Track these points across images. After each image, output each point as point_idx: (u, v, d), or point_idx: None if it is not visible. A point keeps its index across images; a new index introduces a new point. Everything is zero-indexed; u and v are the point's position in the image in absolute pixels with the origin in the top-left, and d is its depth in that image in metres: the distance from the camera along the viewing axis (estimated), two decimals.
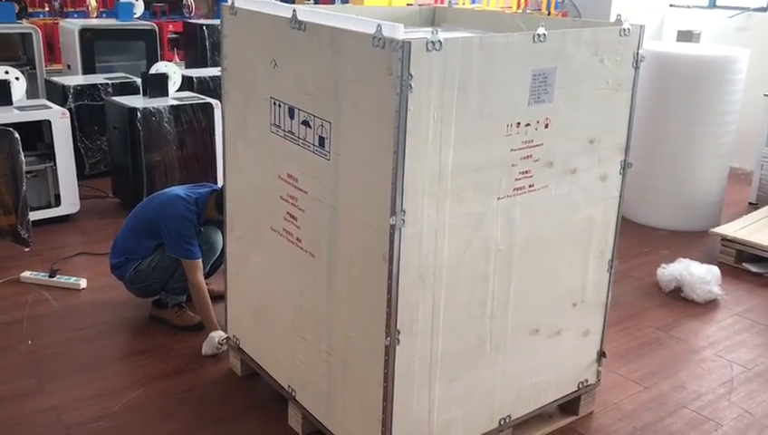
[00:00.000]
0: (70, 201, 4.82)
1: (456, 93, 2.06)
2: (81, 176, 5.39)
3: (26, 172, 4.73)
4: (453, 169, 2.13)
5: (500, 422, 2.58)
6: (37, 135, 4.81)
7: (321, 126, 2.27)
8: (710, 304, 3.90)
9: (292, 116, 2.41)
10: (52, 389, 3.00)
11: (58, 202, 4.80)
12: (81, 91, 5.62)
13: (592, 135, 2.48)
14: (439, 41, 1.96)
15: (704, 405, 3.00)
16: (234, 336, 3.08)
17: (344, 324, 2.36)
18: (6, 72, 4.76)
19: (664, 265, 4.12)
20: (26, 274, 3.97)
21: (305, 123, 2.35)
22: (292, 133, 2.42)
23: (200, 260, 3.33)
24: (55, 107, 4.79)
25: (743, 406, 3.01)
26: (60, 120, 4.68)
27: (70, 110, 5.47)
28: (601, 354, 2.85)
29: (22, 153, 4.12)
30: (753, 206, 5.46)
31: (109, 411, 2.86)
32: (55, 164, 4.73)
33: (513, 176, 2.31)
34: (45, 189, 4.85)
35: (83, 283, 3.89)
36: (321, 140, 2.29)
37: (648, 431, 2.83)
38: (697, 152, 4.95)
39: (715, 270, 4.00)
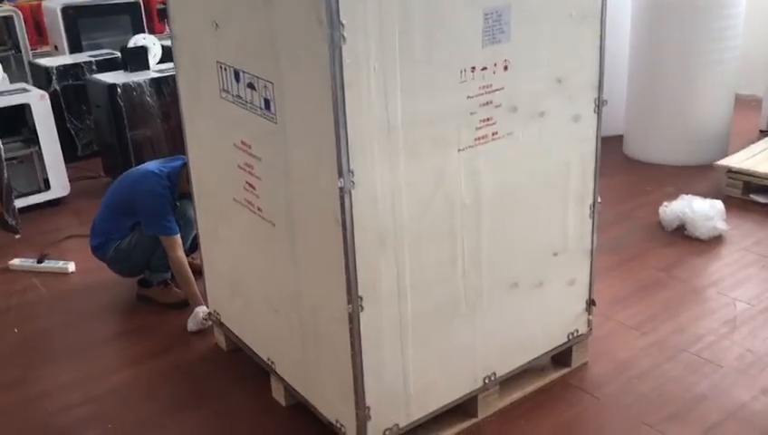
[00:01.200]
0: (59, 184, 4.76)
1: (398, 41, 1.92)
2: (73, 157, 5.36)
3: (11, 158, 4.71)
4: (404, 123, 2.00)
5: (484, 381, 2.49)
6: (21, 120, 4.73)
7: (265, 87, 2.15)
8: (715, 241, 3.74)
9: (237, 79, 2.29)
10: (37, 376, 2.97)
11: (48, 186, 4.74)
12: (65, 71, 5.52)
13: (559, 74, 2.32)
14: None
15: (704, 347, 2.88)
16: (214, 311, 3.01)
17: (310, 294, 2.27)
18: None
19: (666, 204, 3.95)
20: (15, 261, 3.94)
21: (250, 86, 2.23)
22: (240, 97, 2.30)
23: (178, 236, 3.25)
24: (34, 90, 4.71)
25: (745, 345, 2.88)
26: (39, 102, 4.59)
27: (55, 91, 5.41)
28: (590, 302, 2.73)
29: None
30: (765, 133, 5.23)
31: (93, 395, 2.82)
32: (40, 148, 4.66)
33: (474, 125, 2.17)
34: (33, 174, 4.79)
35: (71, 266, 3.85)
36: (267, 103, 2.17)
37: (645, 379, 2.72)
38: (699, 81, 4.71)
39: (719, 205, 3.83)
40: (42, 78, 5.55)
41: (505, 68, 2.18)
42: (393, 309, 2.16)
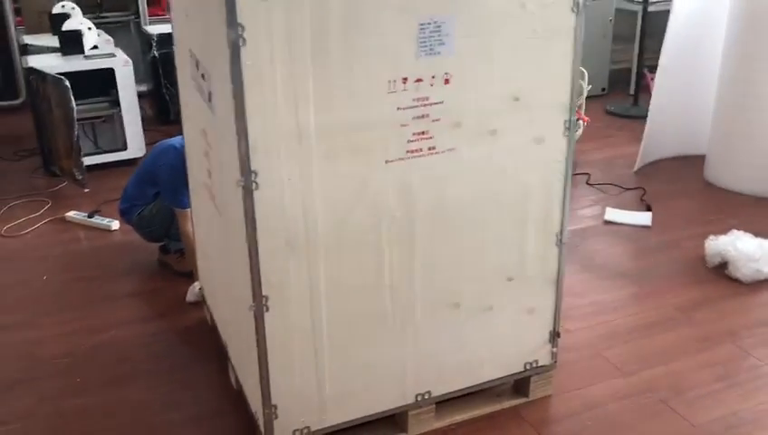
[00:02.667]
0: (136, 146, 5.07)
1: (311, 45, 1.89)
2: (166, 121, 5.69)
3: (96, 117, 5.09)
4: (318, 129, 1.97)
5: (416, 398, 2.42)
6: (110, 82, 5.07)
7: (209, 79, 2.19)
8: (757, 286, 3.39)
9: (197, 68, 2.34)
10: (41, 323, 3.22)
11: (126, 147, 5.07)
12: (165, 38, 5.84)
13: (517, 92, 2.19)
14: None
15: (684, 401, 2.64)
16: (201, 287, 3.12)
17: (236, 286, 2.31)
18: (81, 23, 5.05)
19: (713, 237, 3.62)
20: (71, 213, 4.26)
21: (203, 76, 2.28)
22: (199, 86, 2.36)
23: (189, 210, 3.39)
24: (120, 55, 5.02)
25: (733, 407, 2.61)
26: (122, 68, 4.90)
27: (154, 57, 5.76)
28: (555, 334, 2.58)
29: (72, 100, 4.37)
30: None
31: (77, 349, 3.02)
32: (120, 110, 4.99)
33: (405, 137, 2.10)
34: (115, 134, 5.14)
35: (115, 224, 4.11)
36: (210, 94, 2.21)
37: (602, 423, 2.54)
38: None
39: None
40: (146, 44, 5.92)
41: (446, 81, 2.08)
42: (304, 313, 2.16)
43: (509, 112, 2.20)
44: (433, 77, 2.06)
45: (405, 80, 2.03)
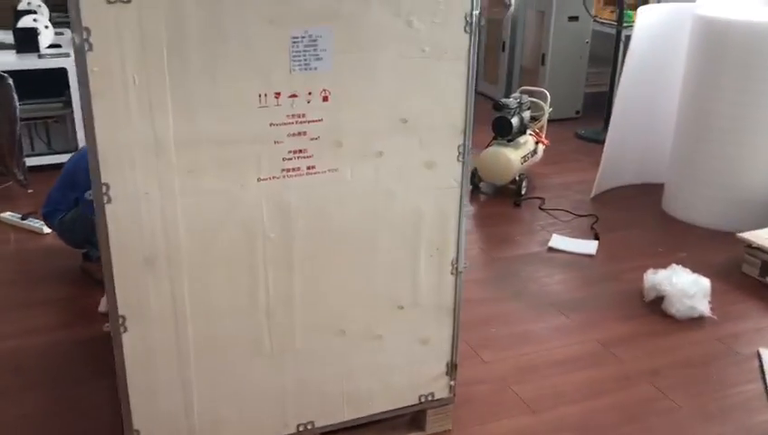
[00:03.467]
0: None
1: (167, 54, 1.78)
2: None
3: (49, 117, 5.01)
4: (178, 142, 1.87)
5: (298, 428, 2.31)
6: (66, 82, 4.99)
7: None
8: (690, 324, 3.26)
9: None
10: None
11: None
12: None
13: (404, 114, 2.08)
14: None
15: None
16: None
17: None
18: (35, 21, 4.97)
19: (653, 271, 3.50)
20: (5, 214, 4.17)
21: None
22: None
23: None
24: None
25: None
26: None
27: None
28: (452, 367, 2.46)
29: (15, 99, 4.29)
30: None
31: None
32: (73, 111, 4.90)
33: (280, 155, 1.99)
34: (67, 135, 5.06)
35: (47, 228, 4.01)
36: None
37: None
38: (753, 138, 4.11)
39: (704, 282, 3.33)
40: None
41: (325, 99, 1.98)
42: (168, 334, 2.04)
43: (396, 134, 2.09)
44: (309, 93, 1.96)
45: (278, 94, 1.93)
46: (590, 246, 3.98)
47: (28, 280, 3.54)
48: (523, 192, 4.66)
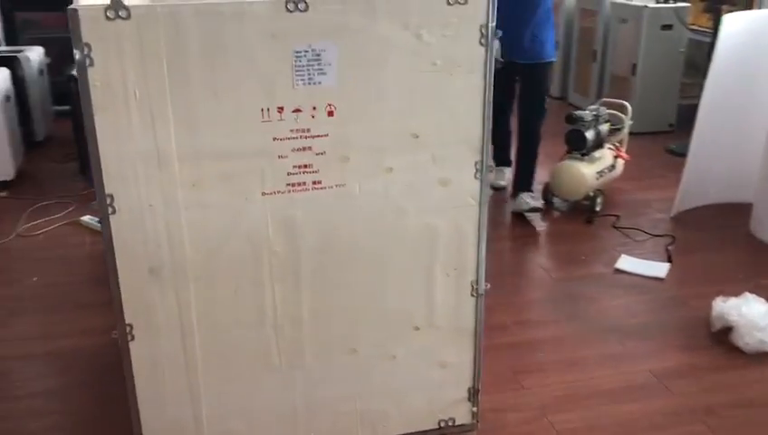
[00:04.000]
0: None
1: (167, 68, 1.81)
2: None
3: None
4: (182, 156, 1.89)
5: None
6: None
7: None
8: (759, 358, 2.99)
9: None
10: (7, 323, 3.31)
11: None
12: None
13: (415, 129, 2.02)
14: (125, 8, 1.73)
15: None
16: None
17: None
18: None
19: (723, 298, 3.24)
20: (85, 217, 4.39)
21: None
22: None
23: None
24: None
25: None
26: None
27: None
28: (474, 392, 2.36)
29: None
30: None
31: (29, 354, 3.07)
32: None
33: (285, 169, 1.98)
34: None
35: None
36: None
37: None
38: None
39: None
40: None
41: (330, 114, 1.95)
42: (176, 345, 2.07)
43: (407, 150, 2.03)
44: (314, 108, 1.93)
45: (281, 109, 1.91)
46: (659, 269, 3.74)
47: (95, 281, 3.69)
48: (597, 209, 4.45)
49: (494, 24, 1.96)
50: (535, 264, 3.86)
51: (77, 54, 1.74)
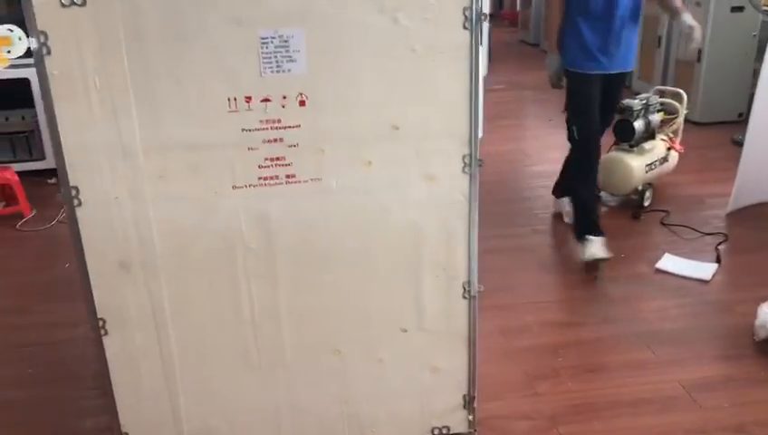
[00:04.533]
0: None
1: (127, 56, 1.74)
2: None
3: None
4: (146, 146, 1.83)
5: None
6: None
7: None
8: None
9: None
10: (33, 310, 3.36)
11: None
12: None
13: (395, 120, 1.89)
14: None
15: None
16: None
17: None
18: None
19: None
20: None
21: None
22: None
23: None
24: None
25: None
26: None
27: None
28: (469, 399, 2.22)
29: None
30: None
31: (48, 340, 3.11)
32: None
33: (256, 162, 1.89)
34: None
35: None
36: None
37: None
38: None
39: None
40: None
41: (302, 103, 1.84)
42: (151, 340, 2.02)
43: (387, 142, 1.91)
44: (284, 97, 1.83)
45: (249, 99, 1.82)
46: (705, 270, 3.48)
47: None
48: (646, 203, 4.20)
49: (479, 5, 1.81)
50: (570, 261, 3.66)
51: (33, 43, 1.69)
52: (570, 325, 3.11)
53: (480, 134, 1.95)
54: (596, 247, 3.48)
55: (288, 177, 1.91)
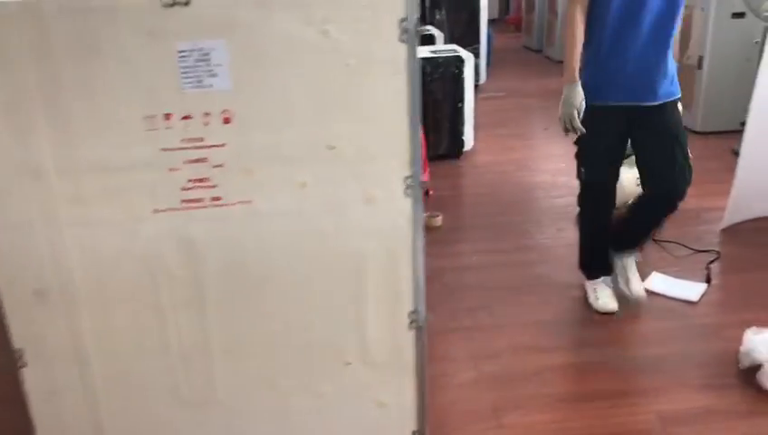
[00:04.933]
0: None
1: (35, 71, 1.61)
2: None
3: None
4: (59, 167, 1.70)
5: None
6: None
7: None
8: None
9: None
10: None
11: None
12: None
13: (330, 139, 1.75)
14: None
15: None
16: None
17: None
18: None
19: (756, 329, 2.81)
20: None
21: None
22: None
23: None
24: None
25: None
26: None
27: None
28: None
29: None
30: None
31: None
32: None
33: (179, 184, 1.75)
34: None
35: None
36: None
37: None
38: None
39: None
40: None
41: (226, 120, 1.71)
42: (72, 372, 1.89)
43: (321, 162, 1.77)
44: (207, 114, 1.70)
45: (168, 116, 1.69)
46: (693, 291, 3.31)
47: None
48: None
49: (416, 16, 1.66)
50: (549, 280, 3.50)
51: None
52: (545, 350, 2.95)
53: (471, 144, 1.80)
54: (608, 298, 3.23)
55: (214, 199, 1.77)
